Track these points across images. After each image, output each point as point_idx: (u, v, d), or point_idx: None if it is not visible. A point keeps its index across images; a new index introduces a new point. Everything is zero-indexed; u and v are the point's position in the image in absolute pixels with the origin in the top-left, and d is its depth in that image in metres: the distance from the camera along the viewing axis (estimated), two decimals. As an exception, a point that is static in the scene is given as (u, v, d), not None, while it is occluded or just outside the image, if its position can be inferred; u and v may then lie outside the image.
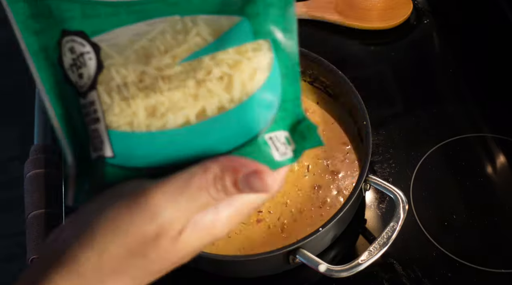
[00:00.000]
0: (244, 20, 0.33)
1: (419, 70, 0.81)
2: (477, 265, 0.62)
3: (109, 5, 0.33)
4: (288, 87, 0.35)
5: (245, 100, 0.33)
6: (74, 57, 0.34)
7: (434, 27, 0.85)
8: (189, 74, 0.33)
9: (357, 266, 0.56)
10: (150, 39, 0.33)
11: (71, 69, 0.34)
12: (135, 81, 0.33)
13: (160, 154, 0.34)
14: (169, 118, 0.33)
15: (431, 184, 0.69)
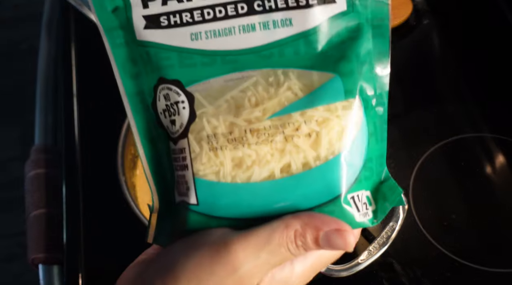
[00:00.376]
0: (337, 77, 0.33)
1: (418, 70, 0.81)
2: (476, 264, 0.62)
3: (206, 54, 0.33)
4: (374, 146, 0.35)
5: (331, 158, 0.33)
6: (168, 104, 0.34)
7: (433, 28, 0.85)
8: (277, 129, 0.33)
9: (357, 265, 0.57)
10: (242, 90, 0.33)
11: (163, 114, 0.35)
12: (224, 132, 0.33)
13: (243, 206, 0.34)
14: (254, 170, 0.33)
15: (430, 184, 0.69)
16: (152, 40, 0.34)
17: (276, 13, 0.33)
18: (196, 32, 0.33)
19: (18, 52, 1.80)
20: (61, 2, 0.94)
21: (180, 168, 0.34)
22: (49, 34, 0.94)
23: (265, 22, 0.33)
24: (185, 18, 0.33)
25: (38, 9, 1.05)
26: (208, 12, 0.33)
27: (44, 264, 0.69)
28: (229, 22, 0.33)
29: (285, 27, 0.33)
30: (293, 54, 0.33)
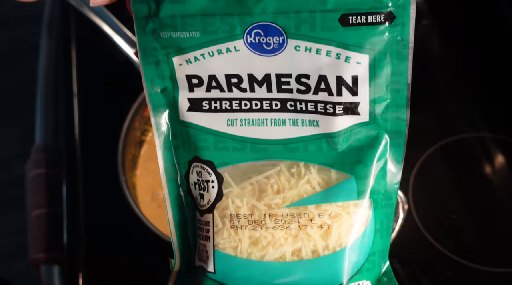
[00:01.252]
0: (352, 178, 0.36)
1: (418, 70, 0.81)
2: (476, 264, 0.62)
3: (238, 140, 0.37)
4: (379, 240, 0.38)
5: (338, 250, 0.36)
6: (199, 179, 0.38)
7: (433, 28, 0.85)
8: (294, 217, 0.36)
9: (357, 265, 0.57)
10: (267, 176, 0.36)
11: (194, 186, 0.38)
12: (246, 213, 0.37)
13: (254, 280, 0.37)
14: (268, 251, 0.36)
15: (430, 184, 0.69)
16: (193, 122, 0.37)
17: (305, 114, 0.36)
18: (232, 118, 0.37)
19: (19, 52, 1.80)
20: (61, 2, 0.94)
21: (203, 237, 0.38)
22: (50, 34, 0.94)
23: (295, 119, 0.36)
24: (224, 105, 0.37)
25: (38, 9, 1.05)
26: (245, 103, 0.36)
27: (45, 264, 0.69)
28: (263, 115, 0.36)
29: (312, 126, 0.36)
30: (316, 150, 0.36)
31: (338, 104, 0.35)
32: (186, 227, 0.40)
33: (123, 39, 0.75)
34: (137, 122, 0.70)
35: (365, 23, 0.34)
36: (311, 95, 0.35)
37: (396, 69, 0.35)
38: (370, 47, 0.34)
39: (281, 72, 0.35)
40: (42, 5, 0.99)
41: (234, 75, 0.36)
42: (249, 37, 0.35)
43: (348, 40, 0.34)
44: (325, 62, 0.34)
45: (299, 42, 0.34)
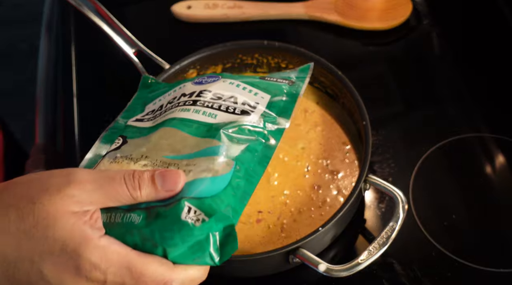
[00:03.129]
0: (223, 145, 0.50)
1: (418, 70, 0.81)
2: (476, 264, 0.62)
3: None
4: (230, 195, 0.46)
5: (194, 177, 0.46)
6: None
7: (433, 28, 0.85)
8: (165, 164, 0.49)
9: (357, 265, 0.57)
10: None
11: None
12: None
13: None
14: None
15: (430, 184, 0.69)
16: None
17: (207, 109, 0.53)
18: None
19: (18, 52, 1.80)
20: (61, 2, 0.94)
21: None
22: (49, 34, 0.94)
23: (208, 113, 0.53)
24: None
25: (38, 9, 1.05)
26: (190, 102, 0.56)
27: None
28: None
29: (211, 117, 0.52)
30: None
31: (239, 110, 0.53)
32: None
33: (123, 39, 0.75)
34: (137, 122, 0.70)
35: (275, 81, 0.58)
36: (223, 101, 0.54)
37: (284, 106, 0.55)
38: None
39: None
40: (42, 5, 0.99)
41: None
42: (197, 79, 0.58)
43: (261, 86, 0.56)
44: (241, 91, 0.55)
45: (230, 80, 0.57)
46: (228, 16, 0.86)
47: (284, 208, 0.65)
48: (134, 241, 0.43)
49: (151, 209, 0.44)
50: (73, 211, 0.41)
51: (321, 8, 0.86)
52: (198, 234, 0.43)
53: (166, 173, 0.44)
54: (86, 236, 0.40)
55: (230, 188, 0.46)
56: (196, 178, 0.45)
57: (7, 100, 1.71)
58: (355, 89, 0.68)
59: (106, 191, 0.42)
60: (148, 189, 0.43)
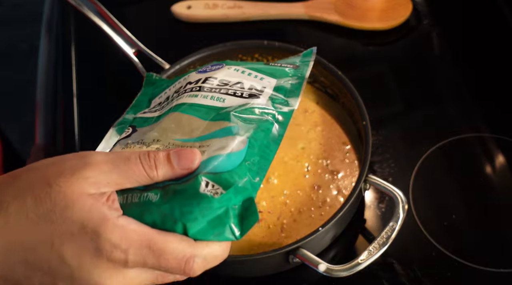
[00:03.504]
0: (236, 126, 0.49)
1: (418, 70, 0.81)
2: (476, 264, 0.62)
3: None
4: (245, 170, 0.45)
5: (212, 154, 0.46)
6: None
7: (433, 28, 0.85)
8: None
9: (357, 265, 0.57)
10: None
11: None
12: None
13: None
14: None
15: (430, 184, 0.69)
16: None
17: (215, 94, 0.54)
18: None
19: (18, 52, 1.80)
20: (61, 2, 0.94)
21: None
22: (49, 34, 0.94)
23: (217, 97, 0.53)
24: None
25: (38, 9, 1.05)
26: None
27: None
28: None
29: (219, 101, 0.52)
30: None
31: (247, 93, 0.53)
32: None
33: (123, 39, 0.75)
34: (137, 122, 0.70)
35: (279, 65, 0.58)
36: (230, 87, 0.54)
37: (291, 88, 0.55)
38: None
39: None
40: (42, 5, 0.99)
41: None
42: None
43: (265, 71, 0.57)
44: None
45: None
46: (228, 16, 0.86)
47: (284, 208, 0.65)
48: (153, 219, 0.42)
49: (167, 187, 0.43)
50: (89, 193, 0.40)
51: (321, 8, 0.86)
52: (217, 207, 0.42)
53: (181, 151, 0.44)
54: (105, 217, 0.40)
55: (245, 164, 0.45)
56: (210, 156, 0.45)
57: (7, 100, 1.71)
58: (355, 89, 0.68)
59: (123, 171, 0.42)
60: (165, 168, 0.43)
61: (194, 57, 0.74)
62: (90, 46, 0.88)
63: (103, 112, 0.80)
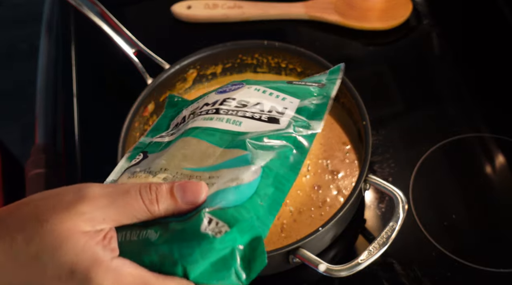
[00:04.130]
0: (249, 154, 0.46)
1: (418, 70, 0.81)
2: (476, 264, 0.62)
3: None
4: (257, 204, 0.42)
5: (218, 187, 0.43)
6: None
7: (433, 28, 0.85)
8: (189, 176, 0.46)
9: (357, 265, 0.57)
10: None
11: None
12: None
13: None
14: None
15: (430, 184, 0.69)
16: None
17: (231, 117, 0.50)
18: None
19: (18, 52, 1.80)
20: (61, 2, 0.94)
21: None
22: (49, 34, 0.94)
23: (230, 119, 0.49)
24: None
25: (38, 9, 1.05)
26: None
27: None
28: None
29: (235, 125, 0.49)
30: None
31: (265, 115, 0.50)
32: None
33: (123, 39, 0.75)
34: (137, 122, 0.70)
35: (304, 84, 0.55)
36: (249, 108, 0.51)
37: (315, 109, 0.51)
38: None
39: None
40: (42, 5, 0.99)
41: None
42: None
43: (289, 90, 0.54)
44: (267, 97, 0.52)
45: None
46: (228, 16, 0.86)
47: (284, 208, 0.65)
48: (151, 261, 0.39)
49: (169, 223, 0.40)
50: (84, 231, 0.37)
51: (321, 8, 0.86)
52: (220, 248, 0.38)
53: (187, 184, 0.40)
54: (97, 258, 0.36)
55: (257, 197, 0.42)
56: (219, 189, 0.42)
57: (7, 100, 1.71)
58: (355, 89, 0.68)
59: (120, 206, 0.38)
60: (167, 202, 0.39)
61: (194, 57, 0.74)
62: (90, 46, 0.88)
63: (103, 112, 0.80)
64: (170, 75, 0.73)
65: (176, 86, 0.75)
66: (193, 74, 0.76)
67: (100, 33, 0.75)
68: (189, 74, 0.75)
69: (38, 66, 0.91)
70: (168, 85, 0.74)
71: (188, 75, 0.75)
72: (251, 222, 0.40)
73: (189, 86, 0.76)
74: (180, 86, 0.76)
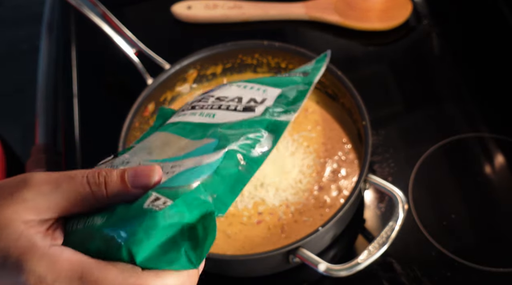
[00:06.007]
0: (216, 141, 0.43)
1: (418, 70, 0.81)
2: (476, 264, 0.62)
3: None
4: (217, 182, 0.39)
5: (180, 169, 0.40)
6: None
7: (433, 28, 0.85)
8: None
9: (356, 265, 0.57)
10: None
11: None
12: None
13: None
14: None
15: (430, 184, 0.69)
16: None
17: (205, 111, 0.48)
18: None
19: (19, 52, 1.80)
20: (62, 3, 0.94)
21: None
22: (50, 35, 0.94)
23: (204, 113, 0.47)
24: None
25: (38, 10, 1.05)
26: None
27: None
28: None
29: (208, 117, 0.47)
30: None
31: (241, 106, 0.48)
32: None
33: (123, 39, 0.75)
34: (137, 122, 0.70)
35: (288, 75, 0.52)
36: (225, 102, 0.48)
37: (296, 96, 0.49)
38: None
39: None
40: (42, 6, 0.99)
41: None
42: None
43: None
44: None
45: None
46: (228, 16, 0.86)
47: (285, 209, 0.65)
48: (97, 247, 0.35)
49: (116, 207, 0.37)
50: (25, 219, 0.35)
51: (321, 8, 0.86)
52: (165, 225, 0.34)
53: (139, 168, 0.37)
54: (33, 245, 0.34)
55: (216, 176, 0.39)
56: (176, 173, 0.39)
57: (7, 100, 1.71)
58: (355, 89, 0.68)
59: (65, 191, 0.36)
60: (116, 187, 0.36)
61: (194, 57, 0.75)
62: (90, 47, 0.88)
63: (103, 112, 0.80)
64: (170, 75, 0.73)
65: (176, 86, 0.75)
66: (193, 74, 0.76)
67: (101, 33, 0.75)
68: (189, 74, 0.75)
69: (38, 66, 0.91)
70: (168, 85, 0.74)
71: (188, 75, 0.75)
72: (201, 197, 0.36)
73: (189, 86, 0.77)
74: (180, 86, 0.76)
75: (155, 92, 0.72)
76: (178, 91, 0.76)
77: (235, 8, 0.86)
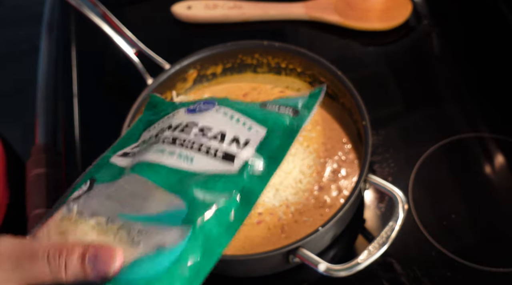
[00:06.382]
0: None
1: (418, 70, 0.81)
2: (476, 264, 0.62)
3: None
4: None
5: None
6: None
7: (433, 28, 0.85)
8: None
9: (356, 265, 0.57)
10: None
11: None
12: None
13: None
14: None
15: (430, 184, 0.69)
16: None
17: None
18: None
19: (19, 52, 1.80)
20: (62, 3, 0.94)
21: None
22: (50, 35, 0.94)
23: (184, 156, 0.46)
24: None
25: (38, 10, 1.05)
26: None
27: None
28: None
29: (186, 161, 0.45)
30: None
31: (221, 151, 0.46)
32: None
33: (123, 39, 0.75)
34: (137, 122, 0.70)
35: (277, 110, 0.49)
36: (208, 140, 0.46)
37: (278, 146, 0.47)
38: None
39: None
40: (42, 6, 0.99)
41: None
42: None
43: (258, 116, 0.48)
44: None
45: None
46: (228, 16, 0.86)
47: (285, 209, 0.65)
48: None
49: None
50: None
51: (321, 8, 0.86)
52: None
53: (100, 252, 0.37)
54: None
55: (178, 266, 0.38)
56: (136, 259, 0.38)
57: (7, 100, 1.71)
58: (355, 89, 0.68)
59: (26, 270, 0.36)
60: (76, 271, 0.36)
61: (194, 57, 0.75)
62: (90, 47, 0.88)
63: (103, 112, 0.80)
64: (170, 75, 0.73)
65: (176, 86, 0.75)
66: (194, 74, 0.76)
67: (101, 33, 0.75)
68: (190, 74, 0.75)
69: (38, 66, 0.91)
70: (168, 85, 0.74)
71: (189, 75, 0.75)
72: None
73: (190, 86, 0.77)
74: (181, 86, 0.76)
75: (155, 92, 0.72)
76: (178, 91, 0.76)
77: (235, 8, 0.86)
